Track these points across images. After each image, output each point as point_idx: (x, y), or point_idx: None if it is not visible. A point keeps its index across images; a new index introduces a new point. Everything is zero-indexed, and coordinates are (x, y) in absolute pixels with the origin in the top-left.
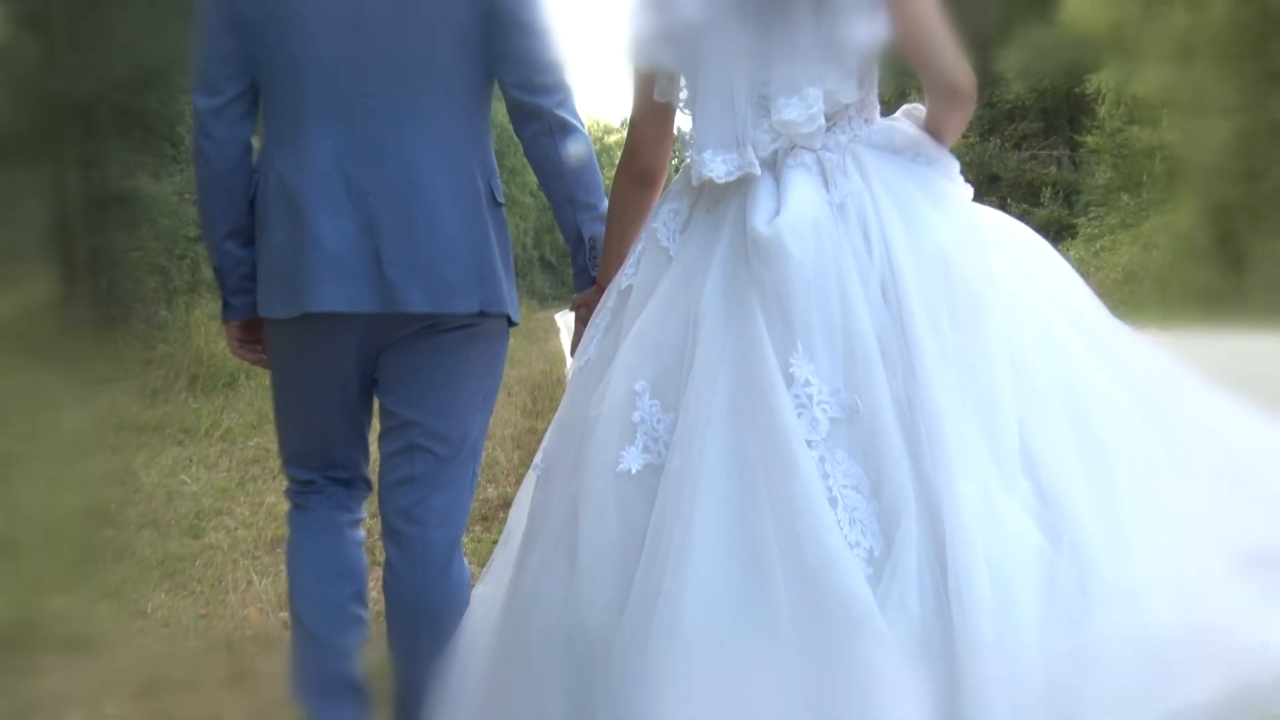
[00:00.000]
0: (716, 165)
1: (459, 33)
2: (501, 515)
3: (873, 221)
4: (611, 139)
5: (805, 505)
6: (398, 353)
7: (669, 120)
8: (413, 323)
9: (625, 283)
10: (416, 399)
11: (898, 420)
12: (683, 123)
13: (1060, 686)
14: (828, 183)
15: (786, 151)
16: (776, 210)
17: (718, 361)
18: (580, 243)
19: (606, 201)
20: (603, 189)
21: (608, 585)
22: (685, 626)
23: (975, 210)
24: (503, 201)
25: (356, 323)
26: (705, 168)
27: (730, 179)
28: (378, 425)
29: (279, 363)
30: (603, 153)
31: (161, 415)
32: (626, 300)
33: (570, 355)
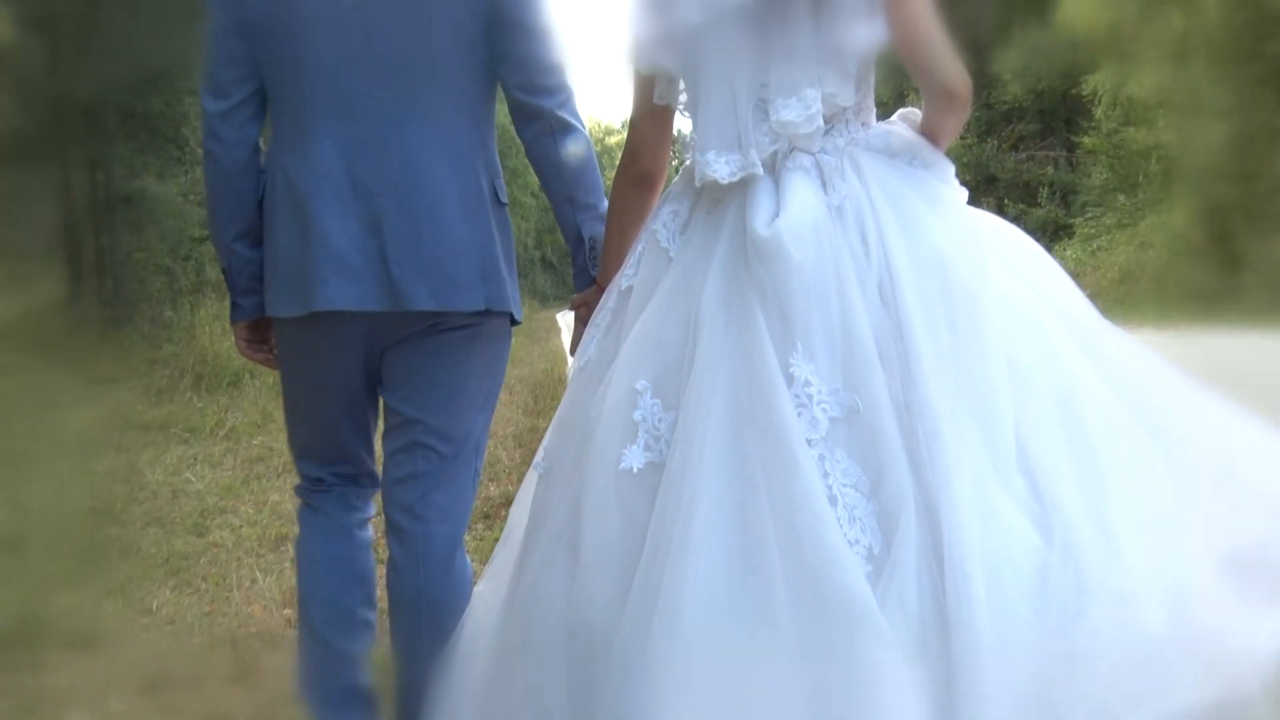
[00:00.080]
0: (720, 166)
1: (462, 34)
2: (503, 513)
3: (870, 224)
4: (612, 140)
5: (805, 503)
6: (401, 351)
7: (668, 122)
8: (417, 321)
9: (625, 283)
10: (419, 397)
11: (896, 420)
12: (682, 125)
13: (1053, 687)
14: (826, 185)
15: (785, 154)
16: (776, 212)
17: (718, 361)
18: (580, 242)
19: (606, 202)
20: (603, 189)
21: (609, 582)
22: (685, 623)
23: (971, 213)
24: (506, 201)
25: (362, 321)
26: (709, 168)
27: (733, 179)
28: (383, 423)
29: (287, 361)
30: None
31: (167, 414)
32: (627, 300)
33: (570, 354)
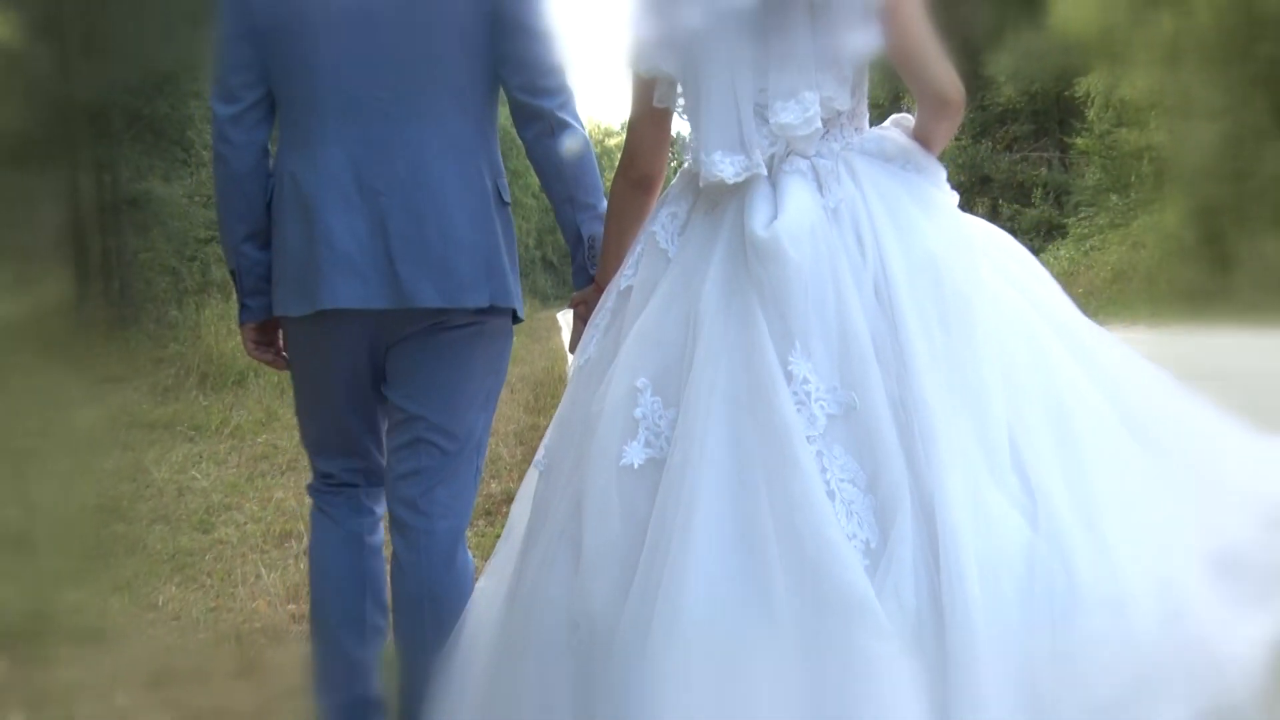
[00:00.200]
0: (725, 167)
1: (465, 37)
2: (504, 510)
3: (865, 226)
4: (612, 141)
5: (805, 498)
6: (405, 349)
7: (667, 125)
8: (421, 319)
9: (624, 283)
10: (422, 394)
11: (892, 417)
12: (680, 127)
13: (1045, 683)
14: (822, 188)
15: (782, 157)
16: (774, 214)
17: (718, 359)
18: (580, 241)
19: (605, 202)
20: (602, 190)
21: (611, 577)
22: (686, 617)
23: (963, 218)
24: (509, 200)
25: (367, 319)
26: (716, 168)
27: (738, 179)
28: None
29: (296, 360)
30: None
31: (172, 413)
32: (626, 300)
33: (570, 352)
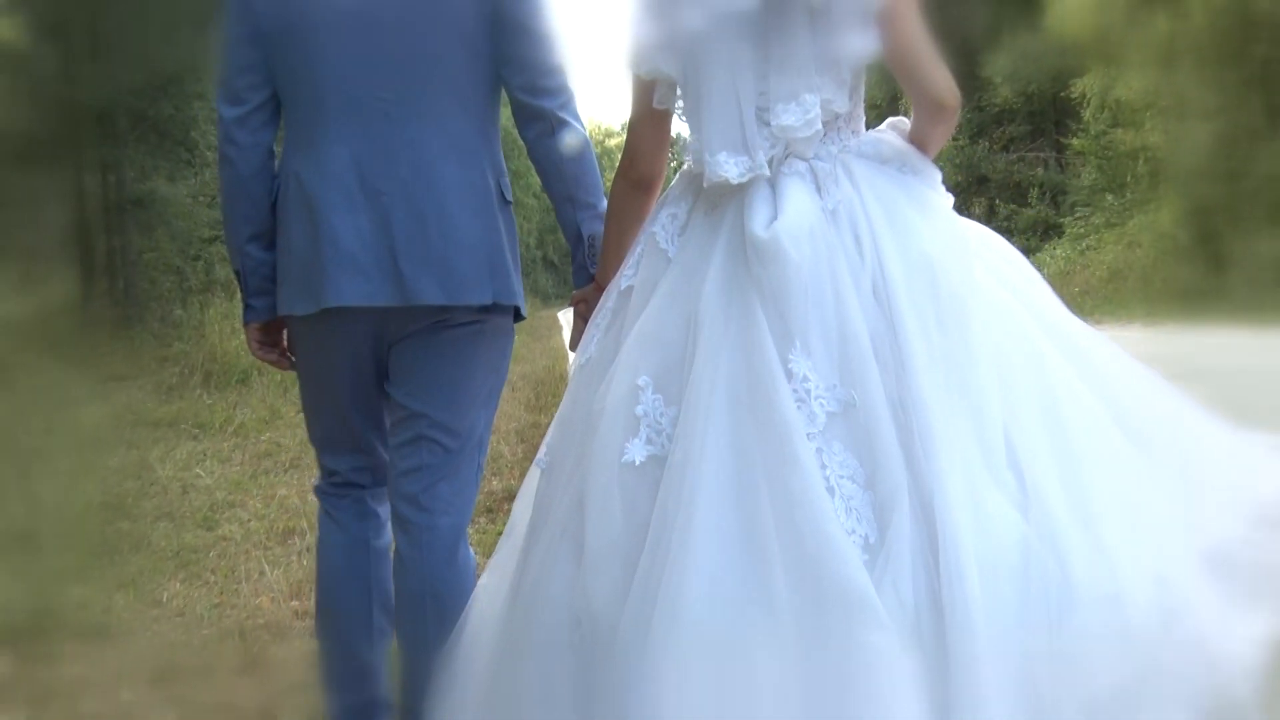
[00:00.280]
0: (730, 167)
1: (467, 38)
2: (506, 507)
3: (863, 227)
4: (612, 142)
5: (805, 494)
6: (408, 346)
7: (667, 126)
8: (423, 317)
9: (625, 283)
10: (424, 392)
11: (890, 415)
12: (680, 128)
13: (1044, 680)
14: (820, 190)
15: (781, 160)
16: (774, 215)
17: (718, 357)
18: (580, 240)
19: (605, 201)
20: (602, 189)
21: (612, 572)
22: (687, 613)
23: (958, 220)
24: (511, 199)
25: (371, 317)
26: (721, 169)
27: (743, 180)
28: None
29: (301, 357)
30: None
31: (177, 411)
32: (627, 300)
33: (570, 349)
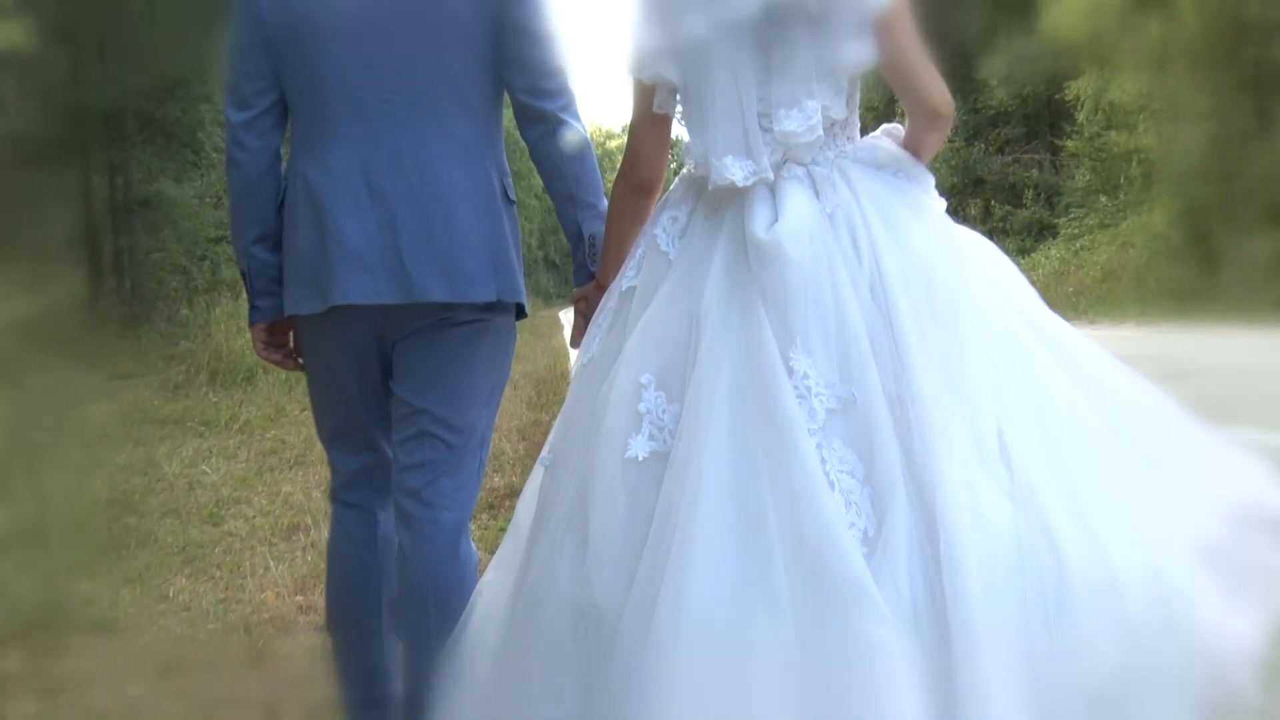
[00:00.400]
0: (736, 170)
1: (469, 41)
2: (507, 503)
3: (861, 230)
4: (613, 144)
5: (806, 488)
6: (411, 343)
7: (667, 131)
8: (427, 314)
9: (626, 284)
10: (427, 389)
11: (889, 411)
12: (679, 132)
13: (1043, 671)
14: (819, 194)
15: (780, 165)
16: (774, 218)
17: (720, 355)
18: (580, 239)
19: (605, 201)
20: (602, 189)
21: (616, 564)
22: (689, 604)
23: (950, 224)
24: (514, 199)
25: (375, 314)
26: (728, 172)
27: (748, 183)
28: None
29: (309, 356)
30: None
31: (183, 409)
32: (629, 301)
33: (570, 346)
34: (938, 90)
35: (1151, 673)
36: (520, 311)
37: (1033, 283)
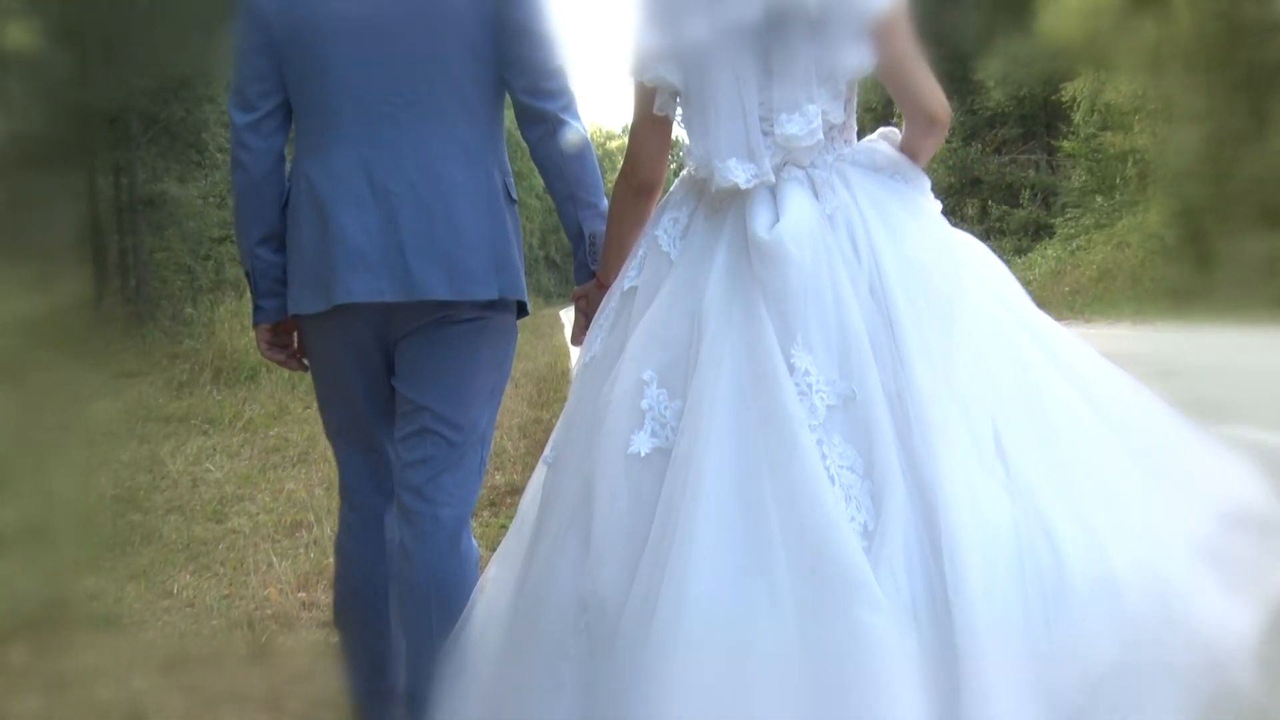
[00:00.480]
0: (739, 173)
1: (471, 43)
2: (509, 501)
3: (860, 230)
4: (613, 144)
5: (807, 481)
6: (413, 341)
7: (668, 133)
8: (429, 312)
9: (628, 284)
10: (428, 386)
11: (888, 407)
12: (679, 133)
13: (1043, 664)
14: (818, 196)
15: (779, 167)
16: (775, 219)
17: (721, 353)
18: (581, 238)
19: (605, 200)
20: (602, 189)
21: (619, 558)
22: (691, 597)
23: (945, 226)
24: (516, 198)
25: (377, 313)
26: (731, 174)
27: (750, 185)
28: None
29: (314, 355)
30: (604, 157)
31: (187, 407)
32: (630, 300)
33: (571, 344)
34: (934, 96)
35: (1150, 664)
36: (522, 309)
37: (1029, 282)
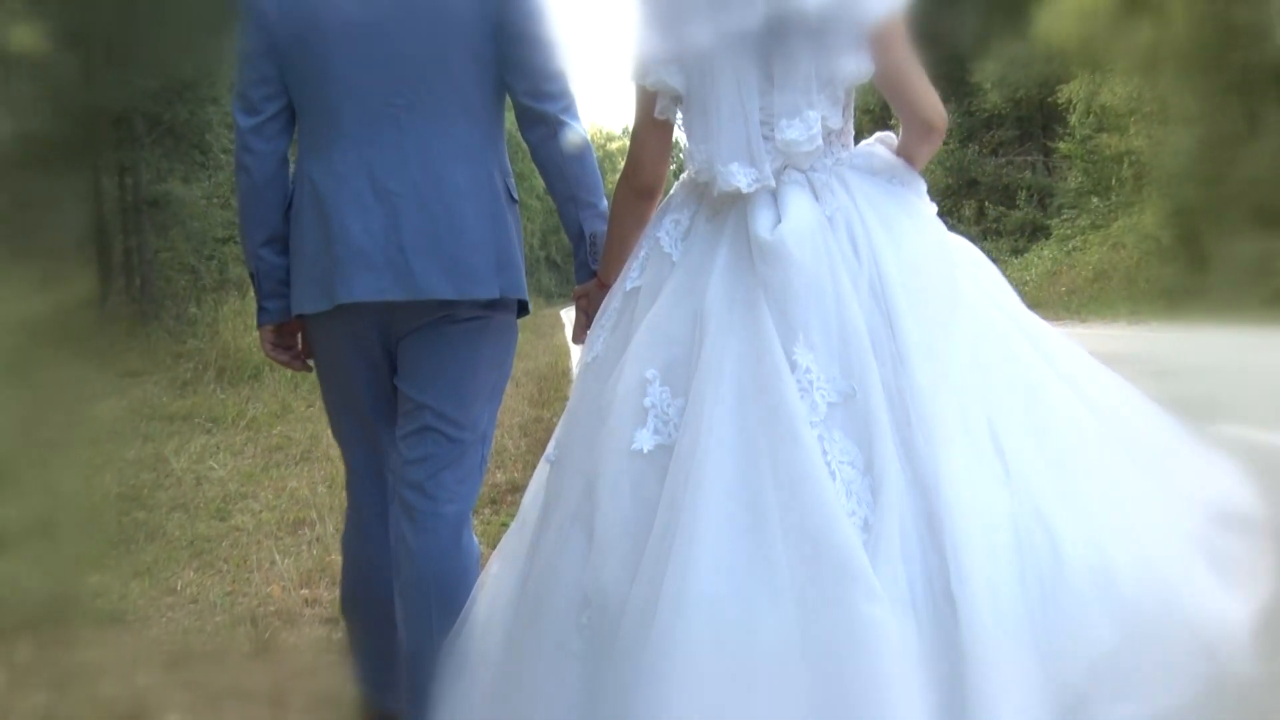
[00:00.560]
0: (741, 178)
1: (472, 45)
2: (509, 498)
3: (859, 232)
4: (613, 145)
5: (808, 477)
6: (415, 340)
7: (669, 136)
8: (431, 311)
9: (630, 285)
10: (429, 384)
11: (887, 404)
12: (679, 136)
13: (1045, 652)
14: (818, 198)
15: (779, 171)
16: (777, 220)
17: (724, 351)
18: (582, 238)
19: (605, 201)
20: (602, 189)
21: (622, 552)
22: (692, 591)
23: (942, 227)
24: (517, 199)
25: (381, 312)
26: (733, 179)
27: (751, 190)
28: None
29: (318, 354)
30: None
31: (191, 405)
32: (633, 301)
33: (572, 342)
34: (932, 103)
35: (1147, 651)
36: (523, 309)
37: (1026, 282)
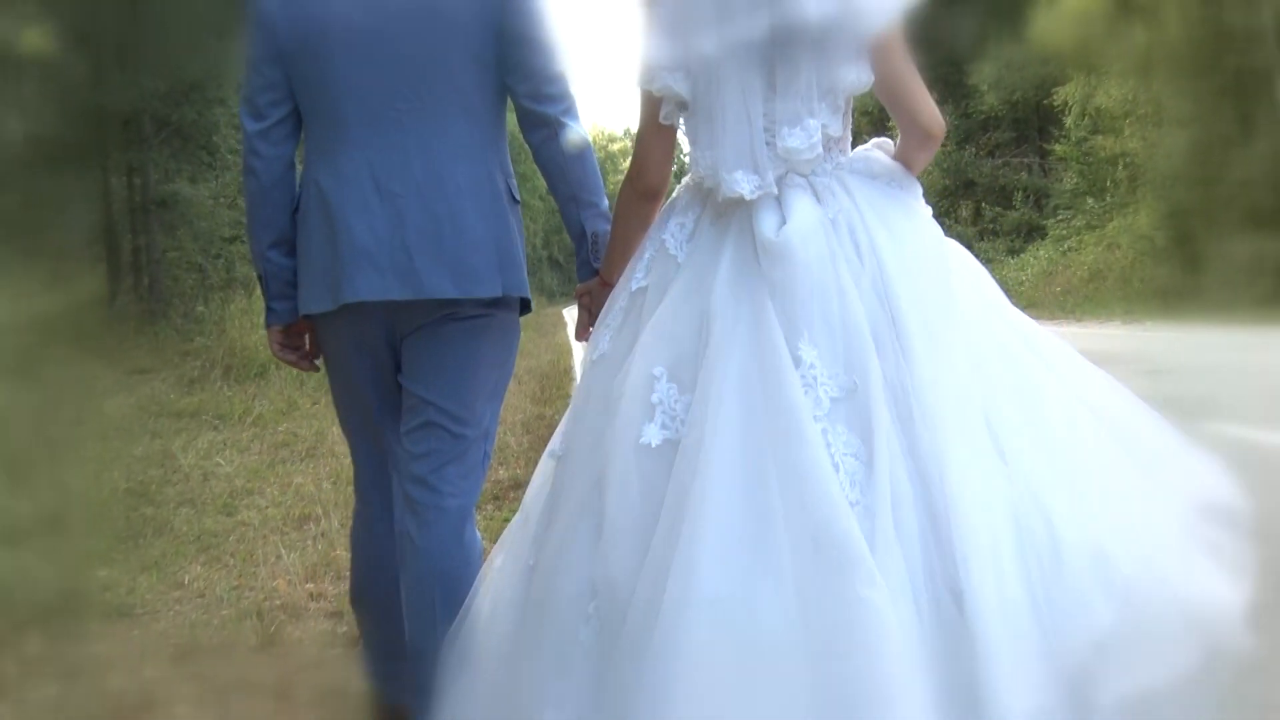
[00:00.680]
0: (744, 184)
1: (473, 48)
2: (512, 495)
3: (861, 234)
4: (615, 147)
5: (811, 467)
6: (418, 338)
7: (672, 141)
8: (434, 310)
9: (636, 285)
10: (432, 381)
11: (888, 399)
12: (681, 140)
13: (1051, 641)
14: (821, 202)
15: (781, 177)
16: (782, 222)
17: (730, 349)
18: (583, 237)
19: (606, 200)
20: (603, 189)
21: (630, 543)
22: (698, 581)
23: (938, 228)
24: (519, 199)
25: (384, 311)
26: (736, 185)
27: (754, 196)
28: None
29: (326, 353)
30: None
31: (198, 402)
32: (639, 301)
33: (575, 340)
34: (930, 112)
35: (1145, 633)
36: (525, 306)
37: (1022, 283)
